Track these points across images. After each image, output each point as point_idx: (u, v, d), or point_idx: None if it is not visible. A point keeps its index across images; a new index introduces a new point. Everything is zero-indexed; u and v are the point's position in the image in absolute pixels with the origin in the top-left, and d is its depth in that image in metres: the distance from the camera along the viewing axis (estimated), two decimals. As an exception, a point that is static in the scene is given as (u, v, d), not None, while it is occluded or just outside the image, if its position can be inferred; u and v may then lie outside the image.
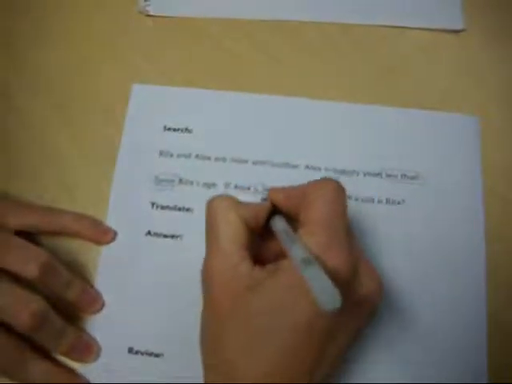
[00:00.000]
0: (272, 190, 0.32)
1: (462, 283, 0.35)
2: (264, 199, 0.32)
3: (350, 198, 0.37)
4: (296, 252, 0.26)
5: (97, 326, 0.34)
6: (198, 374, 0.32)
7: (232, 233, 0.29)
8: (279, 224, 0.30)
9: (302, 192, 0.30)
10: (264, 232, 0.31)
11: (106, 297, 0.35)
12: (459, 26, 0.42)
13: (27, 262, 0.32)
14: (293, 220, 0.30)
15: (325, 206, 0.29)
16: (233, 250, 0.28)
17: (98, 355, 0.34)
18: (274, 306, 0.26)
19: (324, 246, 0.27)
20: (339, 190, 0.30)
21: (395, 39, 0.42)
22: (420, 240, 0.36)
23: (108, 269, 0.36)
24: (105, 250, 0.36)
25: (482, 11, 0.43)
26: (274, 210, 0.31)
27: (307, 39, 0.42)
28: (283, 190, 0.32)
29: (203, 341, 0.29)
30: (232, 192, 0.37)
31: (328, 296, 0.22)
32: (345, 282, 0.27)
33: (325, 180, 0.30)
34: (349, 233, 0.29)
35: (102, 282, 0.35)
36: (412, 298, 0.35)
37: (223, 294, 0.28)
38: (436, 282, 0.35)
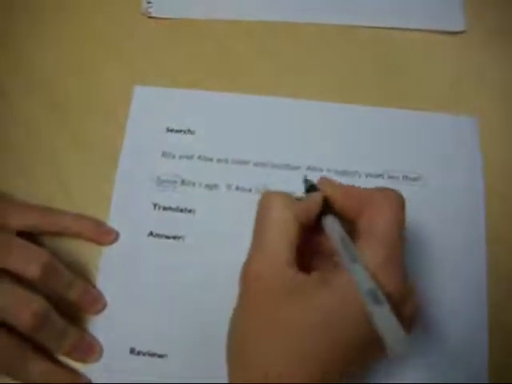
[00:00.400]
0: (326, 183, 0.30)
1: (462, 283, 0.35)
2: (308, 190, 0.30)
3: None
4: (361, 279, 0.24)
5: (98, 326, 0.34)
6: (201, 374, 0.32)
7: (284, 232, 0.28)
8: (334, 227, 0.28)
9: (365, 195, 0.29)
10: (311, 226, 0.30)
11: (108, 297, 0.35)
12: (460, 28, 0.42)
13: (29, 262, 0.32)
14: (344, 220, 0.29)
15: (390, 221, 0.28)
16: (281, 251, 0.27)
17: (100, 355, 0.34)
18: (318, 319, 0.26)
19: (381, 265, 0.26)
20: (403, 203, 0.29)
21: (395, 40, 0.42)
22: (421, 240, 0.36)
23: (110, 269, 0.36)
24: (107, 250, 0.36)
25: (483, 13, 0.43)
26: (326, 206, 0.29)
27: (308, 41, 0.42)
28: (340, 185, 0.30)
29: (231, 342, 0.28)
30: (233, 193, 0.37)
31: (399, 343, 0.22)
32: (394, 306, 0.26)
33: (390, 190, 0.29)
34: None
35: (104, 282, 0.35)
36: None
37: (265, 296, 0.27)
38: (437, 282, 0.35)
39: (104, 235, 0.36)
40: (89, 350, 0.33)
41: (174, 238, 0.36)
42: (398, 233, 0.28)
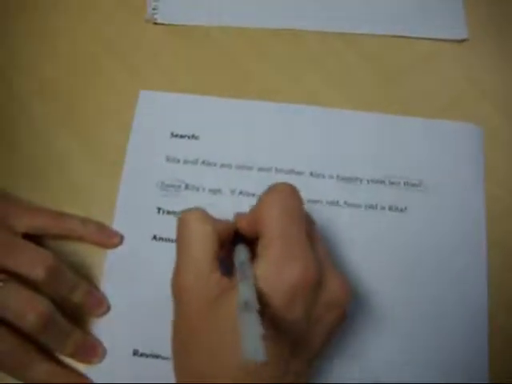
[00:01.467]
0: (238, 218, 0.32)
1: (463, 289, 0.36)
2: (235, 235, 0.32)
3: (353, 204, 0.37)
4: (242, 291, 0.24)
5: (102, 328, 0.35)
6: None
7: (205, 244, 0.29)
8: (239, 254, 0.29)
9: (254, 211, 0.30)
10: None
11: (112, 299, 0.35)
12: (463, 36, 0.43)
13: (34, 264, 0.32)
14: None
15: (276, 214, 0.28)
16: (205, 261, 0.28)
17: (103, 357, 0.34)
18: (231, 319, 0.26)
19: (283, 258, 0.27)
20: (291, 193, 0.29)
21: (399, 48, 0.43)
22: (422, 246, 0.37)
23: (114, 272, 0.36)
24: (111, 253, 0.36)
25: (486, 21, 0.44)
26: (237, 237, 0.31)
27: (311, 48, 0.43)
28: (246, 216, 0.31)
29: (174, 351, 0.30)
30: (237, 198, 0.38)
31: (252, 348, 0.21)
32: (311, 289, 0.27)
33: (272, 187, 0.30)
34: (311, 236, 0.29)
35: (108, 284, 0.36)
36: (414, 302, 0.35)
37: (196, 306, 0.28)
38: (438, 287, 0.36)
39: (108, 239, 0.36)
40: (92, 351, 0.34)
41: (178, 241, 0.36)
42: (291, 223, 0.28)
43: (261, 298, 0.25)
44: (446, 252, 0.36)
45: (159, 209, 0.37)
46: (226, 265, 0.30)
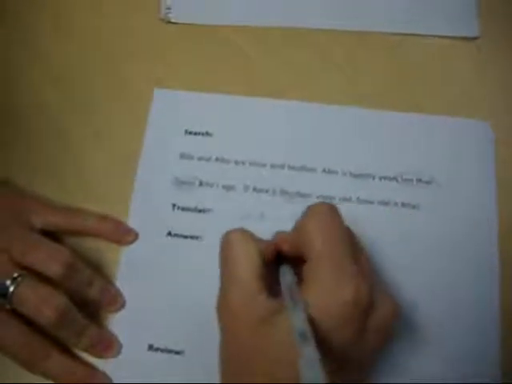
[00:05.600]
0: (280, 239, 0.31)
1: (475, 286, 0.36)
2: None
3: (366, 201, 0.38)
4: (295, 321, 0.24)
5: (117, 323, 0.35)
6: (218, 371, 0.32)
7: (251, 264, 0.28)
8: (284, 277, 0.29)
9: (296, 234, 0.30)
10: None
11: (127, 295, 0.35)
12: (474, 34, 0.43)
13: (51, 261, 0.32)
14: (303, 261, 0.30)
15: (319, 237, 0.28)
16: (252, 282, 0.28)
17: (118, 352, 0.34)
18: (286, 339, 0.26)
19: (333, 281, 0.27)
20: (331, 213, 0.29)
21: (411, 46, 0.43)
22: (434, 244, 0.37)
23: (129, 268, 0.36)
24: (126, 249, 0.37)
25: (498, 19, 0.43)
26: (281, 257, 0.31)
27: (322, 46, 0.43)
28: (288, 238, 0.31)
29: (220, 373, 0.29)
30: (250, 195, 0.38)
31: (312, 375, 0.22)
32: (362, 312, 0.27)
33: (314, 207, 0.30)
34: (357, 255, 0.29)
35: (124, 280, 0.36)
36: (424, 299, 0.35)
37: (245, 326, 0.27)
38: (449, 284, 0.36)
39: (124, 236, 0.37)
40: (107, 346, 0.34)
41: (192, 237, 0.37)
42: (336, 244, 0.28)
43: (312, 322, 0.25)
44: (458, 248, 0.36)
45: (174, 205, 0.38)
46: (269, 284, 0.29)
